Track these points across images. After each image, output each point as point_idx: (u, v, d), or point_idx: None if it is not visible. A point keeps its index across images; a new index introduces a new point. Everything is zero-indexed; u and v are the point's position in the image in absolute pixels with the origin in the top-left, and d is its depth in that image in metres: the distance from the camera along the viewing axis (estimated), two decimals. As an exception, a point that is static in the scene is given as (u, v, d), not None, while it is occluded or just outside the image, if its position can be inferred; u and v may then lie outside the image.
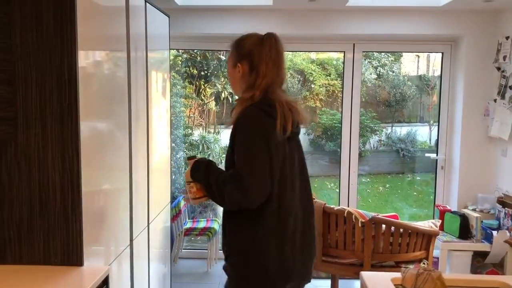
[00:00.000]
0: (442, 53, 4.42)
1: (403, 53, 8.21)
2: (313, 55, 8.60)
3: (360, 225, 3.17)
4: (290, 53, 8.32)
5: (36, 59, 1.92)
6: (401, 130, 8.37)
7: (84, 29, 1.97)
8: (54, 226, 1.99)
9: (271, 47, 1.84)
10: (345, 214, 3.21)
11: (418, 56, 8.69)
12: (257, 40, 1.88)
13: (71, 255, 1.99)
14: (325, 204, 3.30)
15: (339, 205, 4.52)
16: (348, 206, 4.48)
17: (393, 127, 8.42)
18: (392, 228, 3.20)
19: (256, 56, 1.85)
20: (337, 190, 8.20)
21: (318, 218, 3.27)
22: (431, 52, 5.20)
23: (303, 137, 8.23)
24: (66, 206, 1.97)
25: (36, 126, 1.95)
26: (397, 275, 1.92)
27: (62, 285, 1.82)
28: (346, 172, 4.49)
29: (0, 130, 1.86)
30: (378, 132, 8.12)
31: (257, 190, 1.71)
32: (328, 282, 3.87)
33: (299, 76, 8.32)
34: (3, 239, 2.00)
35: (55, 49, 1.90)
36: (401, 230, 3.20)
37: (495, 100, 3.99)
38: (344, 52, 4.42)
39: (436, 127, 4.59)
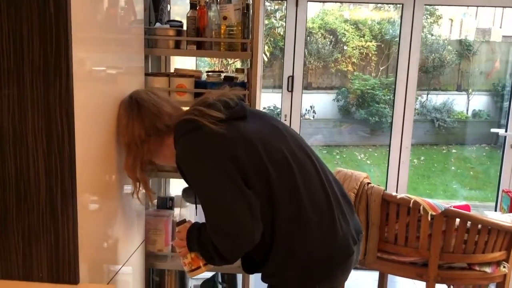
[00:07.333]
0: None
1: (442, 16, 7.52)
2: (346, 14, 7.87)
3: (429, 218, 2.58)
4: (321, 11, 7.62)
5: (8, -16, 1.29)
6: (437, 99, 7.74)
7: None
8: (38, 228, 1.40)
9: (132, 108, 1.68)
10: (411, 204, 2.61)
11: (452, 20, 8.01)
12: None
13: (61, 268, 1.41)
14: (384, 190, 2.70)
15: (386, 185, 3.94)
16: (397, 188, 3.89)
17: (429, 95, 7.83)
18: (468, 223, 2.60)
19: (132, 125, 1.68)
20: (368, 162, 7.63)
21: (376, 207, 2.68)
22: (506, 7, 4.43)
23: (332, 104, 7.69)
24: (54, 200, 1.38)
25: (9, 86, 1.33)
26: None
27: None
28: (397, 147, 3.85)
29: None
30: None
31: (244, 228, 1.48)
32: (373, 275, 3.31)
33: (331, 37, 7.63)
34: (-33, 243, 1.42)
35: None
36: (479, 226, 2.60)
37: None
38: (402, 5, 3.69)
39: (475, 96, 3.93)
